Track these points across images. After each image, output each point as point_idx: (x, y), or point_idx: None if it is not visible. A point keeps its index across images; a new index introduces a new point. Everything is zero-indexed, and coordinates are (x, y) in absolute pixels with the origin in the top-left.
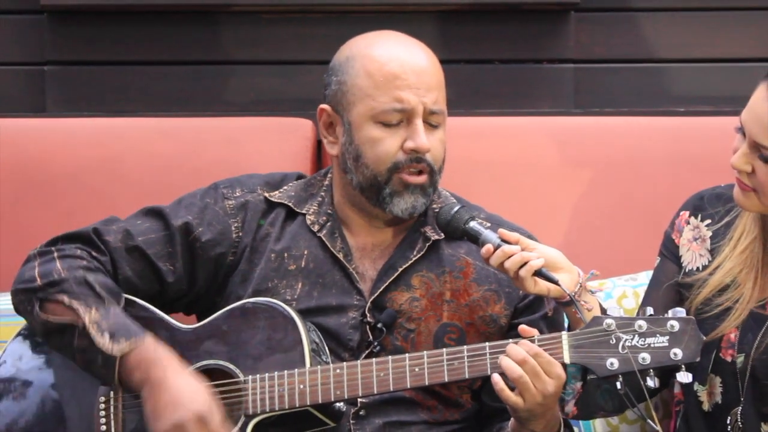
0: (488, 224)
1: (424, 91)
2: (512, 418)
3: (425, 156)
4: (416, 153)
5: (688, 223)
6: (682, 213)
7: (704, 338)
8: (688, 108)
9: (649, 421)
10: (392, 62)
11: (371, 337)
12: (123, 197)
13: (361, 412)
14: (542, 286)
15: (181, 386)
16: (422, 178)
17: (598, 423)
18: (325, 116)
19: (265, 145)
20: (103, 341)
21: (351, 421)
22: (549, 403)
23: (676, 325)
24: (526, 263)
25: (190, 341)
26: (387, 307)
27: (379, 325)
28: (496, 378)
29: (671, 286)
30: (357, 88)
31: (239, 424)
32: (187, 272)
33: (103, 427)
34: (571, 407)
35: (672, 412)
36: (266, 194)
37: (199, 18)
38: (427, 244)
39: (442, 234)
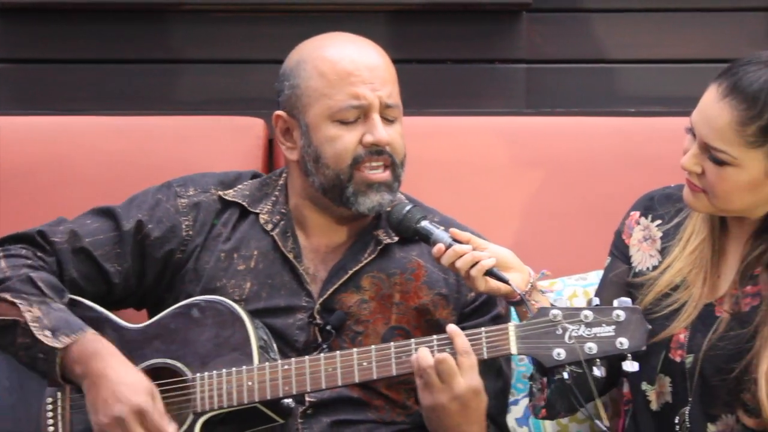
0: (440, 226)
1: (379, 85)
2: None
3: (386, 148)
4: (376, 146)
5: (639, 223)
6: (632, 213)
7: (654, 338)
8: (639, 108)
9: (597, 421)
10: (344, 60)
11: (320, 338)
12: (74, 196)
13: (309, 411)
14: (493, 286)
15: (120, 380)
16: (385, 175)
17: (548, 422)
18: (281, 122)
19: (216, 144)
20: (45, 338)
21: (299, 420)
22: (454, 408)
23: (622, 314)
24: (477, 263)
25: (137, 340)
26: (336, 309)
27: (328, 327)
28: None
29: (621, 286)
30: (311, 89)
31: (188, 422)
32: (136, 271)
33: (51, 428)
34: (541, 403)
35: (621, 411)
36: (220, 193)
37: (151, 16)
38: (379, 248)
39: (395, 237)
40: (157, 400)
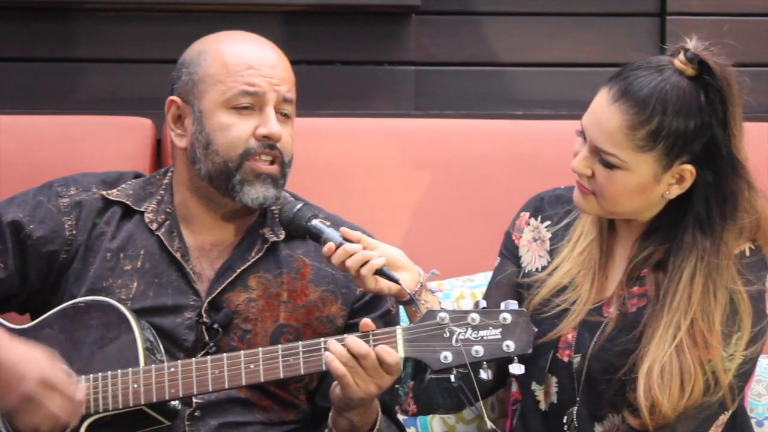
0: (329, 223)
1: (278, 81)
2: (332, 409)
3: (277, 144)
4: (268, 140)
5: (528, 224)
6: (522, 214)
7: (542, 338)
8: (526, 111)
9: (486, 418)
10: (246, 53)
11: (207, 337)
12: None
13: (196, 413)
14: (383, 285)
15: (14, 357)
16: (274, 168)
17: (436, 423)
18: (174, 108)
19: (104, 144)
20: None
21: (186, 423)
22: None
23: (509, 317)
24: (367, 262)
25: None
26: (224, 308)
27: (215, 326)
28: (330, 357)
29: (510, 287)
30: (209, 76)
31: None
32: (19, 270)
33: None
34: (410, 405)
35: (509, 412)
36: (103, 192)
37: (39, 15)
38: (266, 246)
39: (282, 235)
40: (58, 366)
